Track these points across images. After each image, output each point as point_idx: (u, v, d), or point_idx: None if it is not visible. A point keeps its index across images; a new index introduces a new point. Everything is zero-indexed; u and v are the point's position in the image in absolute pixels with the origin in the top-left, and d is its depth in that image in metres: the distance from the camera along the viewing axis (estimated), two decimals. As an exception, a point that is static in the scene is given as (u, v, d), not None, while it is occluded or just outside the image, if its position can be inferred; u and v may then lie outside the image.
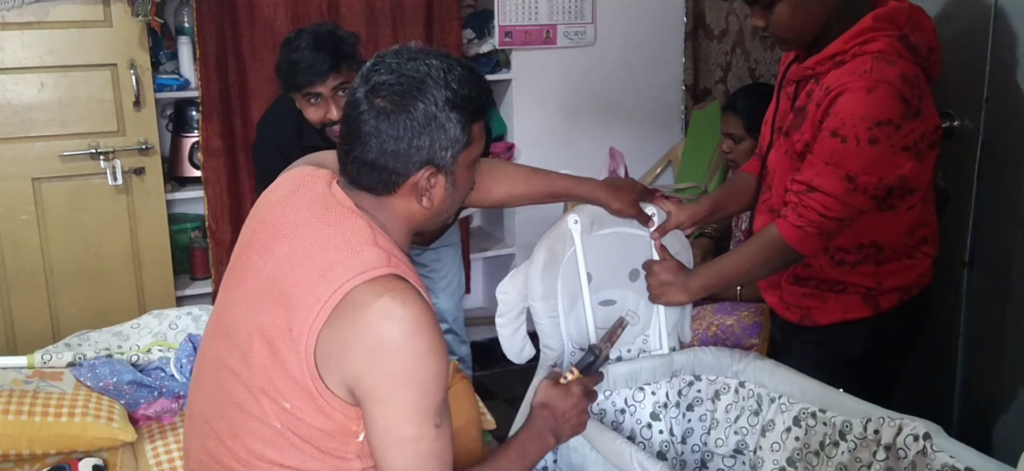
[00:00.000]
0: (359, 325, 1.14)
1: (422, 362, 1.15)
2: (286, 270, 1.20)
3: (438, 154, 1.21)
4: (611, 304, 1.81)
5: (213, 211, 3.05)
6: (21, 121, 2.77)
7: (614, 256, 1.79)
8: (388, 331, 1.13)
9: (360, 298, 1.14)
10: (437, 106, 1.19)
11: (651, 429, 1.85)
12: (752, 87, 2.72)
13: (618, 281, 1.81)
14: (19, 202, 2.80)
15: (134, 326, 2.20)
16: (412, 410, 1.15)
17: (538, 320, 1.73)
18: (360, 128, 1.20)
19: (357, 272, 1.15)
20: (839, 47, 1.64)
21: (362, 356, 1.14)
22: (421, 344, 1.15)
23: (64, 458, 1.75)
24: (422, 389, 1.15)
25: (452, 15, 3.25)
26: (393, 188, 1.23)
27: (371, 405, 1.16)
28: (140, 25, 2.79)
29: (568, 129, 3.59)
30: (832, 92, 1.62)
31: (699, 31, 3.68)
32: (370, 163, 1.21)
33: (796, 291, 1.83)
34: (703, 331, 2.55)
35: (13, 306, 2.86)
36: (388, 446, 1.16)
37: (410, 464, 1.16)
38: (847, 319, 1.78)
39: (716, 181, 3.30)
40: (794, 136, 1.73)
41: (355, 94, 1.22)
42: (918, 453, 1.45)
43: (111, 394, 1.89)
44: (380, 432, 1.16)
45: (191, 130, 3.10)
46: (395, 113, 1.18)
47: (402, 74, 1.19)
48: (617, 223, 1.78)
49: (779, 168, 1.79)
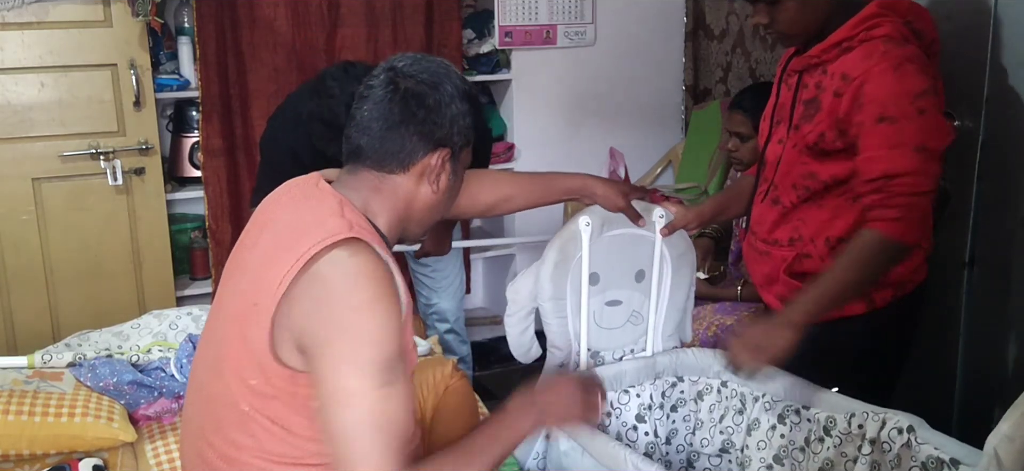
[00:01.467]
0: (309, 277, 1.14)
1: (360, 314, 1.13)
2: (258, 256, 1.24)
3: (454, 139, 1.27)
4: (617, 304, 1.82)
5: (213, 211, 3.05)
6: (21, 121, 2.76)
7: (622, 257, 1.81)
8: (330, 276, 1.13)
9: (317, 260, 1.14)
10: (453, 95, 1.27)
11: (636, 431, 1.86)
12: (758, 86, 2.71)
13: (625, 282, 1.82)
14: (19, 202, 2.80)
15: (134, 326, 2.20)
16: (351, 363, 1.12)
17: (547, 320, 1.74)
18: (384, 103, 1.24)
19: (319, 240, 1.15)
20: (846, 33, 1.66)
21: (308, 307, 1.14)
22: (361, 295, 1.13)
23: (64, 458, 1.75)
24: (359, 341, 1.12)
25: (452, 15, 3.25)
26: (407, 164, 1.26)
27: (315, 360, 1.14)
28: (140, 25, 2.79)
29: (568, 129, 3.59)
30: (853, 81, 1.61)
31: (699, 31, 3.68)
32: (394, 130, 1.24)
33: (793, 286, 1.82)
34: (703, 331, 2.55)
35: (13, 306, 2.86)
36: (329, 403, 1.13)
37: (349, 420, 1.11)
38: (843, 316, 1.77)
39: (716, 181, 3.30)
40: (805, 128, 1.73)
41: (375, 78, 1.27)
42: (903, 446, 1.47)
43: (111, 394, 1.89)
44: (323, 388, 1.13)
45: (191, 130, 3.10)
46: (423, 90, 1.24)
47: (422, 64, 1.27)
48: (626, 225, 1.78)
49: (784, 160, 1.79)
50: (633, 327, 1.87)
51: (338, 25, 3.10)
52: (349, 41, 3.11)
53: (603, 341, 1.83)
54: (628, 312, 1.85)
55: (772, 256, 1.85)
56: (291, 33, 3.04)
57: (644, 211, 1.79)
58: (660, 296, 1.87)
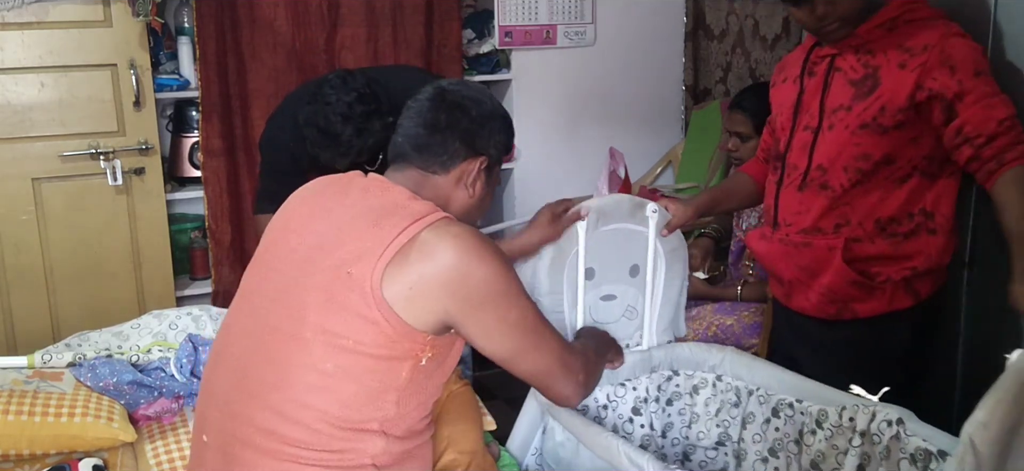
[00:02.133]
0: (429, 258, 1.24)
1: (499, 263, 1.29)
2: (335, 234, 1.30)
3: (491, 150, 1.42)
4: (612, 299, 1.83)
5: (213, 211, 3.05)
6: (21, 121, 2.77)
7: (616, 252, 1.82)
8: (450, 248, 1.25)
9: (422, 239, 1.25)
10: (493, 113, 1.43)
11: (632, 424, 1.88)
12: (758, 86, 2.71)
13: (619, 276, 1.84)
14: (19, 202, 2.80)
15: (134, 326, 2.20)
16: (505, 320, 1.30)
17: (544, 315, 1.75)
18: (430, 110, 1.39)
19: (414, 218, 1.27)
20: (892, 13, 1.75)
21: (446, 287, 1.24)
22: (490, 250, 1.28)
23: (64, 458, 1.75)
24: (508, 280, 1.29)
25: (452, 15, 3.25)
26: (448, 167, 1.39)
27: (477, 323, 1.28)
28: (140, 25, 2.79)
29: (568, 129, 3.58)
30: (931, 48, 1.69)
31: (699, 31, 3.68)
32: (439, 132, 1.37)
33: (847, 275, 1.82)
34: (703, 331, 2.55)
35: (13, 306, 2.86)
36: (519, 346, 1.33)
37: (531, 359, 1.35)
38: (892, 310, 1.80)
39: (716, 181, 3.30)
40: (858, 107, 1.77)
41: (423, 93, 1.42)
42: (892, 438, 1.49)
43: (111, 394, 1.88)
44: (500, 337, 1.31)
45: (191, 130, 3.10)
46: (467, 103, 1.40)
47: (466, 85, 1.46)
48: (621, 220, 1.79)
49: (833, 143, 1.81)
50: (628, 322, 1.88)
51: (338, 25, 3.10)
52: (349, 41, 3.11)
53: None
54: (623, 307, 1.86)
55: (814, 246, 1.85)
56: (291, 33, 3.04)
57: (639, 206, 1.82)
58: (654, 291, 1.88)
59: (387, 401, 1.28)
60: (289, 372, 1.27)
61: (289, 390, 1.27)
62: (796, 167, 1.87)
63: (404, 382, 1.28)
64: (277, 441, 1.27)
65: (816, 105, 1.85)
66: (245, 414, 1.29)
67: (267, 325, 1.32)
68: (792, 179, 1.88)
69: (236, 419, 1.31)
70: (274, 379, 1.28)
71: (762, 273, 2.68)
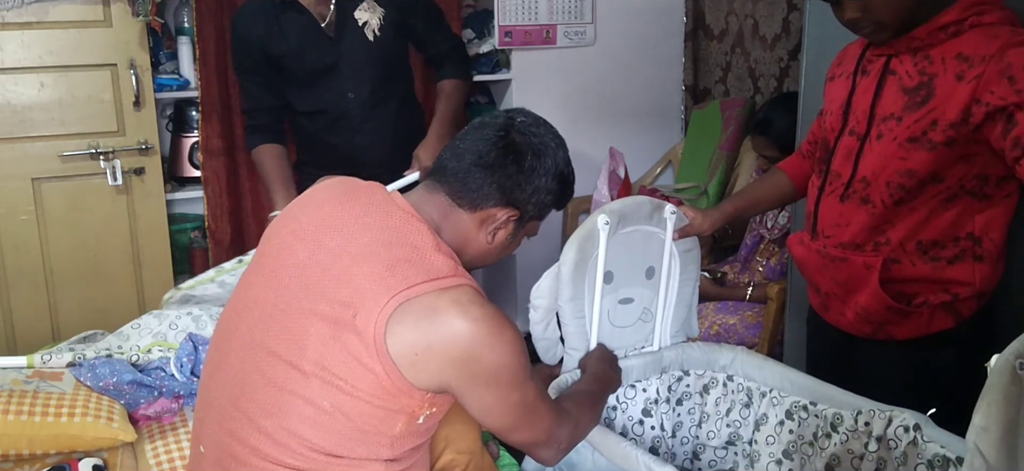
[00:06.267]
0: (442, 329, 1.18)
1: (512, 349, 1.23)
2: (346, 262, 1.23)
3: (526, 206, 1.35)
4: (629, 303, 1.82)
5: (213, 211, 3.05)
6: (21, 121, 2.76)
7: (634, 254, 1.81)
8: (474, 334, 1.19)
9: (435, 303, 1.19)
10: (549, 171, 1.36)
11: (643, 425, 1.87)
12: (779, 103, 2.66)
13: (636, 279, 1.83)
14: (19, 202, 2.80)
15: (134, 326, 2.19)
16: (505, 400, 1.26)
17: (565, 321, 1.74)
18: (488, 142, 1.33)
19: (429, 276, 1.20)
20: (955, 16, 1.57)
21: (454, 362, 1.20)
22: (507, 334, 1.23)
23: (64, 458, 1.75)
24: (517, 367, 1.25)
25: (452, 15, 3.24)
26: (477, 206, 1.33)
27: (477, 399, 1.25)
28: (140, 25, 2.79)
29: (568, 129, 3.51)
30: (989, 58, 1.50)
31: (699, 31, 3.68)
32: (482, 169, 1.31)
33: (883, 299, 1.69)
34: (705, 330, 2.55)
35: (13, 306, 2.86)
36: (515, 423, 1.30)
37: (542, 414, 1.33)
38: (932, 332, 1.68)
39: (716, 180, 3.30)
40: (908, 119, 1.61)
41: (495, 118, 1.37)
42: (909, 444, 1.47)
43: (111, 394, 1.88)
44: (498, 415, 1.28)
45: (191, 130, 3.10)
46: (527, 151, 1.33)
47: (539, 130, 1.38)
48: (640, 222, 1.78)
49: (878, 155, 1.67)
50: (643, 325, 1.87)
51: (338, 25, 3.09)
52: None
53: (616, 340, 1.83)
54: (640, 310, 1.85)
55: (851, 262, 1.72)
56: (291, 33, 3.03)
57: (657, 208, 1.80)
58: (668, 292, 1.87)
59: (381, 444, 1.25)
60: (285, 400, 1.24)
61: (284, 419, 1.23)
62: (839, 175, 1.75)
63: (399, 431, 1.26)
64: (273, 463, 1.24)
65: (865, 109, 1.71)
66: (241, 434, 1.27)
67: (266, 346, 1.27)
68: (834, 187, 1.76)
69: (232, 436, 1.28)
70: (270, 404, 1.25)
71: (770, 274, 2.68)
